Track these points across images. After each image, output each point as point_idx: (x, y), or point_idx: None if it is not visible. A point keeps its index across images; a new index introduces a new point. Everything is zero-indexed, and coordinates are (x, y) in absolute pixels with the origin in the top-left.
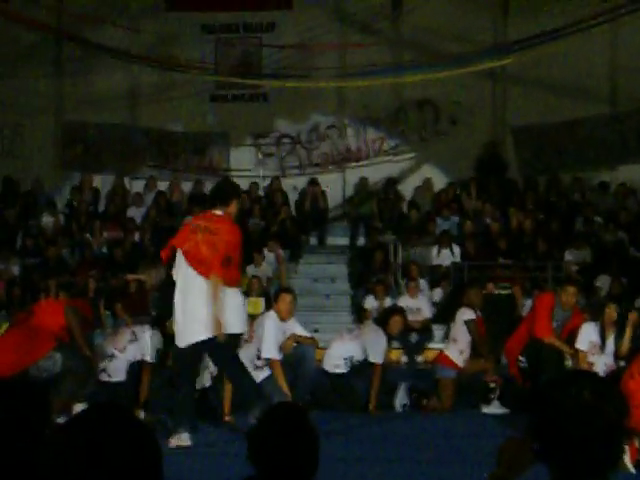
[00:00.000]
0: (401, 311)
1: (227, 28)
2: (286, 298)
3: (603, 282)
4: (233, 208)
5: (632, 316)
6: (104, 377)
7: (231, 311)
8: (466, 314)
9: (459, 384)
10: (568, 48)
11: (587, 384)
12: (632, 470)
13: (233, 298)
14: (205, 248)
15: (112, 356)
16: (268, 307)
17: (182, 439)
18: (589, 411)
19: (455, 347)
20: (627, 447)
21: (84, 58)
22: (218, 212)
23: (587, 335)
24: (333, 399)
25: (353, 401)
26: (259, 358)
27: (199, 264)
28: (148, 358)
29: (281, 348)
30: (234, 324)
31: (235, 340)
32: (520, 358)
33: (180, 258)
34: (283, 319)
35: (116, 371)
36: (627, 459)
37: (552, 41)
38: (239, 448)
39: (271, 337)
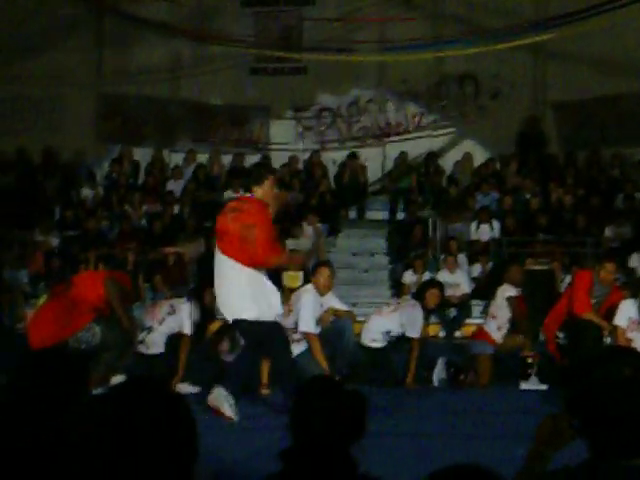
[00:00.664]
0: (438, 284)
1: (267, 1)
2: (324, 272)
3: (638, 260)
4: (267, 187)
5: None
6: (142, 349)
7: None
8: (508, 291)
9: (496, 360)
10: (610, 23)
11: (627, 360)
12: None
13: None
14: (232, 225)
15: (150, 328)
16: (306, 281)
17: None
18: (630, 387)
19: (494, 323)
20: None
21: (124, 31)
22: (248, 195)
23: (626, 311)
24: (371, 373)
25: (391, 375)
26: (296, 332)
27: (223, 243)
28: (186, 331)
29: (319, 322)
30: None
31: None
32: (558, 334)
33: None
34: (321, 293)
35: (154, 343)
36: None
37: (594, 16)
38: (275, 421)
39: (309, 311)
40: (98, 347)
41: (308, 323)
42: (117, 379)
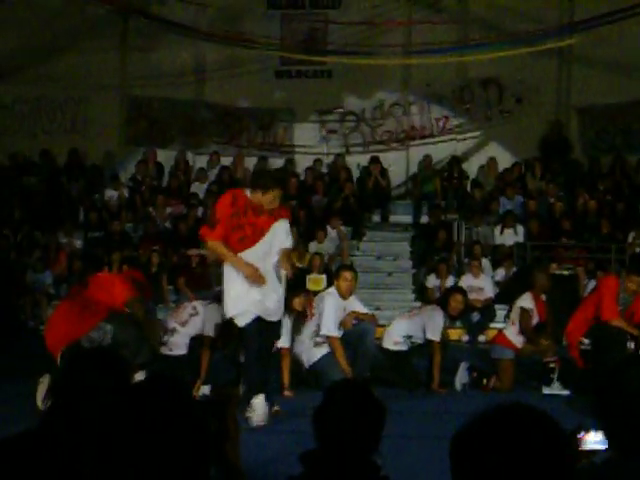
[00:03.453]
0: (461, 290)
1: (293, 4)
2: (347, 276)
3: None
4: (269, 197)
5: None
6: (165, 351)
7: None
8: (524, 301)
9: (519, 364)
10: (634, 27)
11: None
12: None
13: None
14: None
15: (174, 330)
16: (330, 284)
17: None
18: None
19: (514, 328)
20: None
21: (150, 33)
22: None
23: None
24: (393, 377)
25: (413, 379)
26: (319, 335)
27: None
28: (209, 333)
29: (341, 325)
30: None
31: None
32: (583, 340)
33: None
34: (344, 297)
35: (177, 345)
36: None
37: (618, 21)
38: (297, 424)
39: (331, 314)
40: (110, 346)
41: (330, 326)
42: (138, 376)
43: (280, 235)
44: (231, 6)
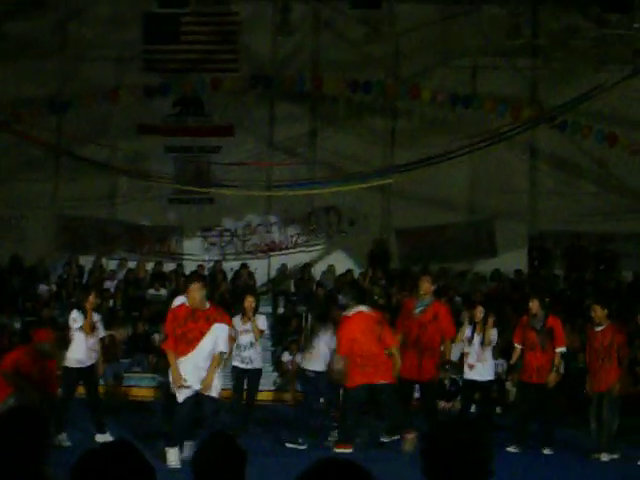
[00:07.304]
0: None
1: (185, 149)
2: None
3: None
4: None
5: None
6: None
7: None
8: None
9: None
10: (438, 170)
11: (466, 432)
12: None
13: None
14: None
15: None
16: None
17: None
18: (465, 450)
19: None
20: None
21: (75, 167)
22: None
23: None
24: None
25: None
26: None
27: None
28: None
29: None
30: None
31: None
32: None
33: None
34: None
35: None
36: None
37: (426, 165)
38: None
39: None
40: None
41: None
42: None
43: (218, 336)
44: (137, 148)
